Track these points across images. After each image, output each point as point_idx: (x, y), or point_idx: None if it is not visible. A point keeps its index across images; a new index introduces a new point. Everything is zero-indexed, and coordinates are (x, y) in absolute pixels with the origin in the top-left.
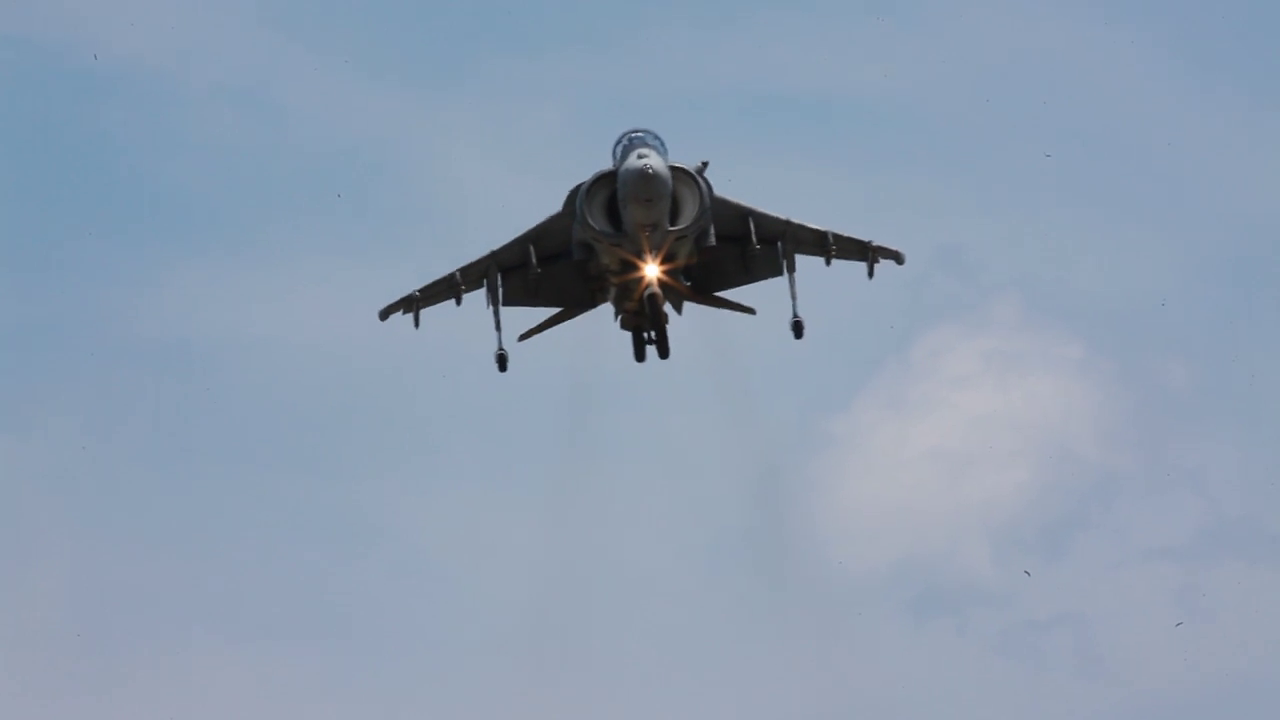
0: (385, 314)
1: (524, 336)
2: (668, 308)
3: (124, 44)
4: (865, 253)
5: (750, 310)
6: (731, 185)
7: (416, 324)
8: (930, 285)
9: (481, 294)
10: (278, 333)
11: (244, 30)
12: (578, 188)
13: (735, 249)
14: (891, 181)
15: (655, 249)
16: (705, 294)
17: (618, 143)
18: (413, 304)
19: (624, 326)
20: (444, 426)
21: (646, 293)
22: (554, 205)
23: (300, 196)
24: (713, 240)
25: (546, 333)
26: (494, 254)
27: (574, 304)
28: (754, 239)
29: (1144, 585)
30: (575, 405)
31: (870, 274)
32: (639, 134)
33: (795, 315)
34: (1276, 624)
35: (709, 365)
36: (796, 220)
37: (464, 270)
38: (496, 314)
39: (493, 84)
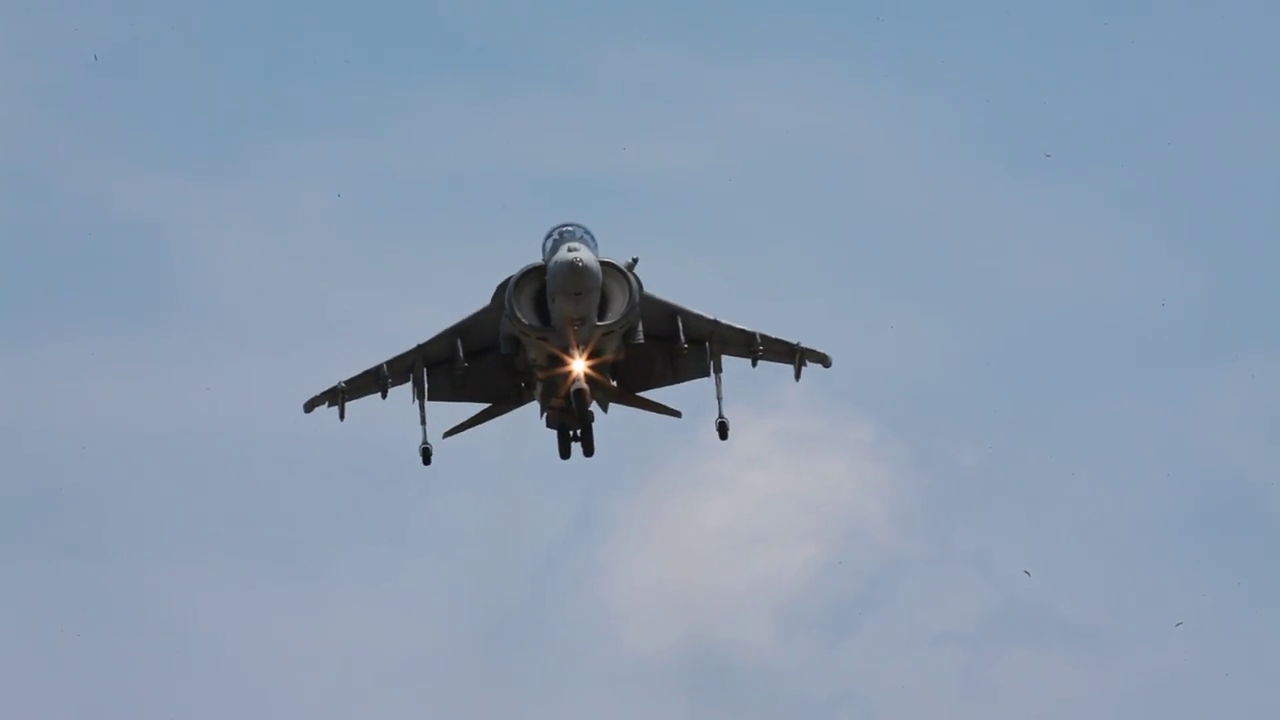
0: (310, 406)
1: (449, 433)
2: (594, 406)
3: None
4: (793, 355)
5: (676, 413)
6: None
7: (342, 416)
8: (746, 321)
9: (407, 388)
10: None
11: (8, 111)
12: (506, 281)
13: (663, 348)
14: (673, 263)
15: (582, 344)
16: (633, 393)
17: (548, 236)
18: (338, 396)
19: (549, 424)
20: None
21: (573, 388)
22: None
23: (63, 279)
24: (641, 338)
25: (473, 430)
26: (420, 347)
27: (500, 399)
28: (682, 338)
29: (929, 667)
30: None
31: (797, 376)
32: (569, 228)
33: (720, 416)
34: (1060, 709)
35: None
36: (724, 320)
37: (390, 363)
38: (422, 408)
39: (259, 168)
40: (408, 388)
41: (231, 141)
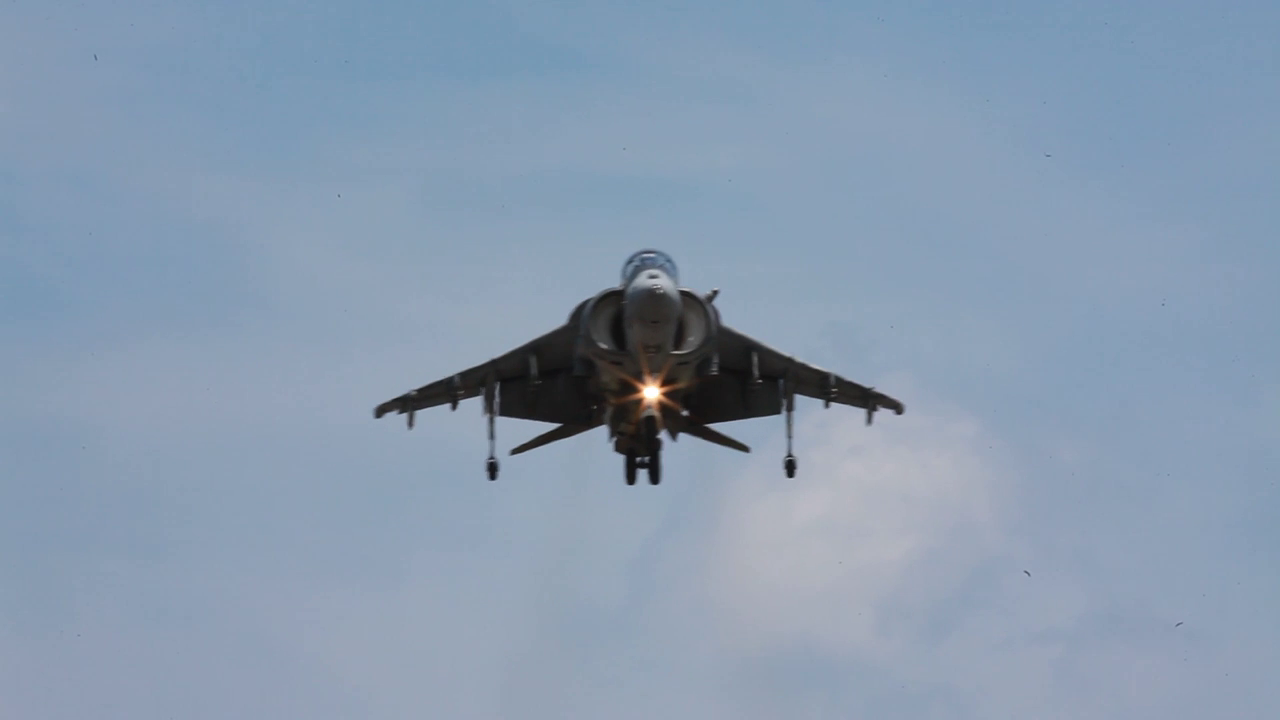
0: (380, 412)
1: (517, 450)
2: (663, 434)
3: None
4: (865, 399)
5: (744, 448)
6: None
7: (410, 424)
8: (822, 362)
9: (477, 401)
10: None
11: (83, 113)
12: (584, 303)
13: (736, 382)
14: (769, 265)
15: (655, 371)
16: (703, 424)
17: (629, 262)
18: (409, 404)
19: (617, 449)
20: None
21: (644, 415)
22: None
23: (138, 280)
24: (716, 369)
25: (541, 448)
26: (495, 362)
27: (571, 420)
28: (756, 373)
29: (1025, 665)
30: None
31: (869, 420)
32: (651, 254)
33: (789, 454)
34: (1155, 708)
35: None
36: (800, 359)
37: (464, 375)
38: (492, 421)
39: (332, 168)
40: (477, 401)
41: (305, 143)
